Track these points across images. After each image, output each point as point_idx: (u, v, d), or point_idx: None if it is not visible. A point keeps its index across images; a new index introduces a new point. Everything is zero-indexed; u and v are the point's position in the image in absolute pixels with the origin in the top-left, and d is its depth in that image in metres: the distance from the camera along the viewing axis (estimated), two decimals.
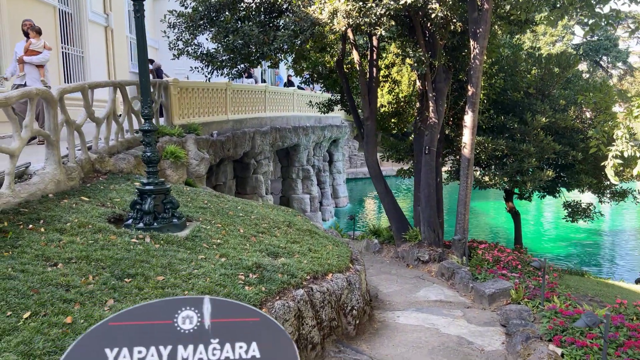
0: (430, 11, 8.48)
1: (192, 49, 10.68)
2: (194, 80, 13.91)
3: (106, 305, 3.75)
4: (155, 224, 5.70)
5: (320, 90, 18.92)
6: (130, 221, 5.74)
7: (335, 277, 5.48)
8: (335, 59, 11.86)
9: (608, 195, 13.47)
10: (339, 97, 15.13)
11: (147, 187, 5.78)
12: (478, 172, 12.14)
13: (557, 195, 14.22)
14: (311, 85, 28.85)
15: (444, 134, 11.84)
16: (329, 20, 8.52)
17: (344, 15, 8.29)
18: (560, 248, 19.21)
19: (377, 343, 5.65)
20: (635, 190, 13.87)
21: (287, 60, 14.86)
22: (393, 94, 13.33)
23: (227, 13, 9.55)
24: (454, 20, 9.14)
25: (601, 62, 43.55)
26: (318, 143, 25.93)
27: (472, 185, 10.86)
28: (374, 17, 8.42)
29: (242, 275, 4.73)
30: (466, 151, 9.53)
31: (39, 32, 8.97)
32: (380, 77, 12.58)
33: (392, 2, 8.12)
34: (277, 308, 4.34)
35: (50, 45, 9.83)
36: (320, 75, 14.68)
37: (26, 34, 9.02)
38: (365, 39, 11.65)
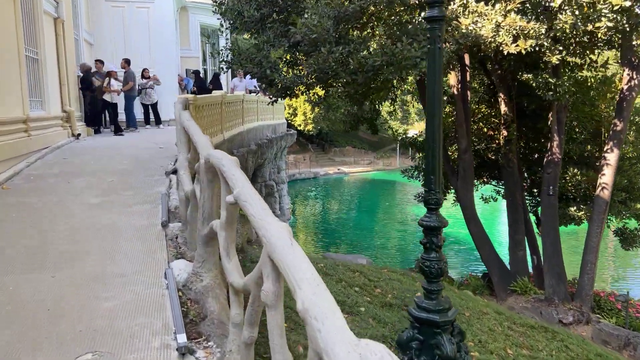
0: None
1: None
2: None
3: None
4: None
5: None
6: None
7: None
8: (414, 78, 9.95)
9: None
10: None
11: (441, 321, 3.56)
12: (574, 208, 11.10)
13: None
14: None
15: (520, 170, 10.63)
16: (492, 38, 6.71)
17: (525, 36, 6.54)
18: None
19: None
20: None
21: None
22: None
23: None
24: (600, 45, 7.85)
25: None
26: (276, 154, 23.34)
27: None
28: (543, 39, 6.81)
29: None
30: (605, 193, 8.32)
31: None
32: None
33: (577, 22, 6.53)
34: None
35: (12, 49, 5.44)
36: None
37: None
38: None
